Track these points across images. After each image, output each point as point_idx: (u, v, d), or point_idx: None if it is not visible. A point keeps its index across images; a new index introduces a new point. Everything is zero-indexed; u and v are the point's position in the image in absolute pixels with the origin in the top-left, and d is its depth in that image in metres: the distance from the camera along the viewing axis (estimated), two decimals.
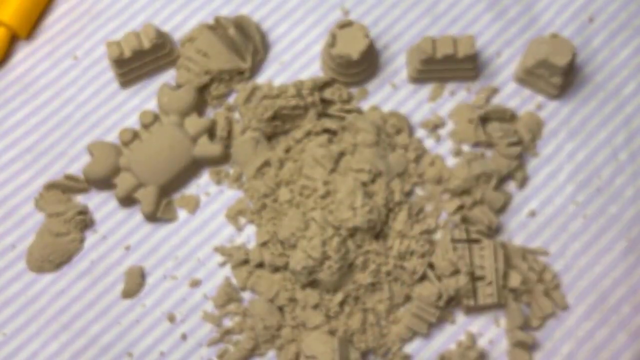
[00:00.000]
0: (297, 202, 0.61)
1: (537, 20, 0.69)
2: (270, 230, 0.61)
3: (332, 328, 0.58)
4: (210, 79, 0.65)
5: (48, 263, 0.62)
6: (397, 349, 0.59)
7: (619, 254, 0.62)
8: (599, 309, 0.61)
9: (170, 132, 0.63)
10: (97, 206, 0.64)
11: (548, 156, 0.65)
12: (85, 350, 0.60)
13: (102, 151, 0.63)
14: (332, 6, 0.70)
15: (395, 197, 0.61)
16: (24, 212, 0.64)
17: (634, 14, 0.69)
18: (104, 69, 0.68)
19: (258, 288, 0.60)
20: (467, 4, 0.69)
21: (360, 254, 0.58)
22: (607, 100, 0.66)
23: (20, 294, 0.62)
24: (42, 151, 0.66)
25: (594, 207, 0.63)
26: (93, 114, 0.67)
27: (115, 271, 0.62)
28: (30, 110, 0.67)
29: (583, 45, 0.68)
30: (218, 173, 0.64)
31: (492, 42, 0.68)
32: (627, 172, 0.64)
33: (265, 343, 0.59)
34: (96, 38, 0.69)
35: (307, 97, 0.63)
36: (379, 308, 0.59)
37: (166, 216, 0.63)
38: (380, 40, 0.68)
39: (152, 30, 0.64)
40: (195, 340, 0.60)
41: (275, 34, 0.69)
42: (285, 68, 0.68)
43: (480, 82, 0.67)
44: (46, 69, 0.68)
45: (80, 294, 0.62)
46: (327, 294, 0.59)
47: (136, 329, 0.61)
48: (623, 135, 0.65)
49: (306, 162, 0.62)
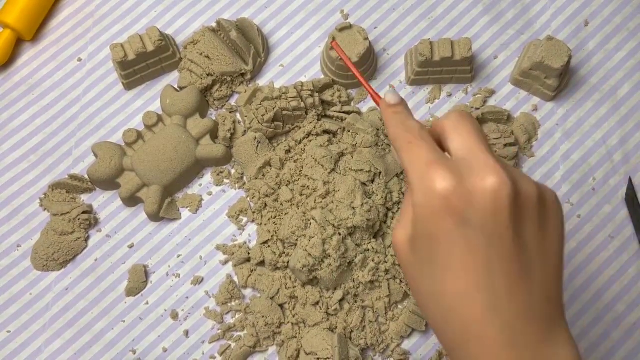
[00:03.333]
0: (297, 202, 0.61)
1: (533, 24, 0.70)
2: (271, 229, 0.61)
3: (332, 325, 0.59)
4: (213, 81, 0.65)
5: (53, 261, 0.63)
6: (396, 346, 0.60)
7: (613, 253, 0.63)
8: (594, 307, 0.61)
9: (173, 133, 0.63)
10: (102, 206, 0.65)
11: (544, 157, 0.65)
12: (89, 347, 0.61)
13: (106, 152, 0.63)
14: (331, 10, 0.70)
15: (393, 196, 0.61)
16: (29, 211, 0.65)
17: (628, 17, 0.70)
18: (108, 71, 0.69)
19: (259, 286, 0.61)
20: (464, 7, 0.70)
21: (359, 253, 0.59)
22: (602, 101, 0.67)
23: (25, 292, 0.62)
24: (47, 151, 0.66)
25: (589, 207, 0.64)
26: (97, 115, 0.67)
27: (119, 269, 0.63)
28: (36, 111, 0.68)
29: (578, 48, 0.68)
30: (220, 173, 0.65)
31: (488, 45, 0.69)
32: (622, 172, 0.65)
33: (266, 340, 0.60)
34: (100, 41, 0.70)
35: (307, 99, 0.64)
36: (377, 305, 0.59)
37: (169, 215, 0.63)
38: (379, 43, 0.69)
39: (155, 33, 0.65)
40: (197, 337, 0.61)
41: (276, 37, 0.70)
42: (285, 70, 0.68)
43: (477, 84, 0.68)
44: (51, 71, 0.69)
45: (85, 292, 0.62)
46: (326, 291, 0.60)
47: (139, 326, 0.61)
48: (618, 137, 0.66)
49: (306, 162, 0.62)
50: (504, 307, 0.37)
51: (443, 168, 0.38)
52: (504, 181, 0.37)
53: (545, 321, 0.38)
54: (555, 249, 0.39)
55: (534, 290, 0.38)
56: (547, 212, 0.39)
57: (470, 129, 0.41)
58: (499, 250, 0.38)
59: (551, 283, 0.39)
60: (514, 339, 0.37)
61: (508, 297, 0.38)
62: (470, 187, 0.38)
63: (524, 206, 0.38)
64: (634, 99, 0.67)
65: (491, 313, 0.37)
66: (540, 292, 0.38)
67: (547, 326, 0.38)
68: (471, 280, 0.38)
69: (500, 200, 0.37)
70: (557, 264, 0.39)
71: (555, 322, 0.39)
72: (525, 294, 0.38)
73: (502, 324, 0.37)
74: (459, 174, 0.38)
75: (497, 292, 0.37)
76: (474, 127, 0.41)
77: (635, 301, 0.61)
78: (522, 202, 0.38)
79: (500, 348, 0.37)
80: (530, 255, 0.38)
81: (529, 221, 0.38)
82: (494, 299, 0.37)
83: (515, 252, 0.38)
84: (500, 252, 0.38)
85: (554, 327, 0.39)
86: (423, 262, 0.40)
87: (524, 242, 0.38)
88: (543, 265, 0.39)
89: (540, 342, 0.38)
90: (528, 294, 0.38)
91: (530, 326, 0.38)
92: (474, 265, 0.38)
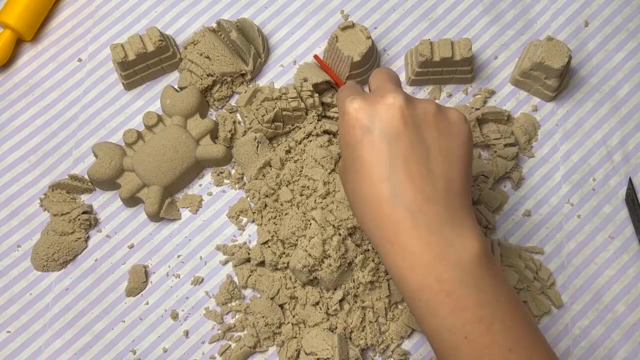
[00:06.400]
0: (297, 202, 0.61)
1: (533, 24, 0.70)
2: (271, 230, 0.61)
3: (332, 325, 0.59)
4: (213, 81, 0.65)
5: (53, 262, 0.63)
6: (396, 346, 0.60)
7: (613, 253, 0.63)
8: (594, 307, 0.61)
9: (173, 134, 0.63)
10: (102, 206, 0.65)
11: (544, 157, 0.65)
12: (90, 348, 0.61)
13: (107, 152, 0.63)
14: (331, 10, 0.70)
15: None
16: (30, 211, 0.65)
17: (628, 17, 0.70)
18: (108, 72, 0.69)
19: (259, 286, 0.61)
20: (464, 8, 0.70)
21: (359, 253, 0.59)
22: (602, 102, 0.67)
23: (25, 292, 0.62)
24: (47, 152, 0.66)
25: (589, 207, 0.64)
26: (97, 115, 0.67)
27: (119, 270, 0.63)
28: (36, 111, 0.68)
29: (578, 48, 0.69)
30: (220, 173, 0.65)
31: (488, 45, 0.69)
32: (622, 173, 0.65)
33: (266, 340, 0.60)
34: (100, 41, 0.70)
35: (307, 99, 0.64)
36: (377, 305, 0.59)
37: (169, 216, 0.63)
38: (379, 43, 0.69)
39: (155, 34, 0.65)
40: (197, 337, 0.61)
41: (276, 37, 0.70)
42: (286, 70, 0.68)
43: (477, 85, 0.68)
44: (51, 72, 0.69)
45: (85, 292, 0.62)
46: (327, 292, 0.60)
47: (140, 326, 0.61)
48: (618, 137, 0.66)
49: (306, 162, 0.62)
50: (404, 193, 0.45)
51: (355, 96, 0.48)
52: (397, 97, 0.47)
53: (446, 208, 0.46)
54: (457, 153, 0.47)
55: (434, 182, 0.46)
56: (448, 124, 0.48)
57: (384, 73, 0.52)
58: (399, 148, 0.46)
59: (453, 180, 0.47)
60: (416, 220, 0.45)
61: (407, 185, 0.45)
62: (373, 104, 0.47)
63: (420, 116, 0.47)
64: (634, 99, 0.67)
65: (394, 198, 0.45)
66: (441, 185, 0.46)
67: (448, 212, 0.45)
68: (377, 173, 0.46)
69: (394, 109, 0.47)
70: (460, 166, 0.47)
71: (457, 211, 0.46)
72: (425, 184, 0.46)
73: (403, 207, 0.45)
74: (367, 99, 0.48)
75: (397, 181, 0.46)
76: (387, 72, 0.52)
77: (635, 301, 0.61)
78: (418, 113, 0.47)
79: (406, 227, 0.45)
80: (430, 154, 0.46)
81: (427, 127, 0.47)
82: (395, 186, 0.45)
83: (412, 149, 0.46)
84: (399, 150, 0.46)
85: (457, 214, 0.46)
86: (347, 170, 0.49)
87: (425, 143, 0.47)
88: (444, 165, 0.47)
89: (442, 224, 0.45)
90: (428, 184, 0.46)
91: (429, 209, 0.45)
92: (378, 162, 0.46)
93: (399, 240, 0.45)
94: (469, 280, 0.44)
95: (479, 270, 0.44)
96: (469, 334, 0.43)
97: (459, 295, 0.44)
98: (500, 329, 0.44)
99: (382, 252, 0.46)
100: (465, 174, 0.48)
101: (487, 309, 0.44)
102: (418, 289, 0.44)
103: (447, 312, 0.44)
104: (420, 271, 0.44)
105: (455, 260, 0.44)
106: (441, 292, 0.44)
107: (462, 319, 0.43)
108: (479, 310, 0.44)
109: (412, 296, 0.45)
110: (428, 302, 0.44)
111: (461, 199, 0.47)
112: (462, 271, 0.44)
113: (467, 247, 0.45)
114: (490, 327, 0.43)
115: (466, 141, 0.48)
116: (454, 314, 0.44)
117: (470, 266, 0.44)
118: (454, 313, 0.44)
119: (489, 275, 0.45)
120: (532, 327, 0.46)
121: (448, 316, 0.44)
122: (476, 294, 0.44)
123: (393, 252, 0.45)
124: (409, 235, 0.45)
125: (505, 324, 0.44)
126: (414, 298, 0.45)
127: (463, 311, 0.44)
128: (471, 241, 0.45)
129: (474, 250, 0.45)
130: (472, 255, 0.44)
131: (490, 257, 0.46)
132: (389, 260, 0.46)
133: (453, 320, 0.44)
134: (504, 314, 0.44)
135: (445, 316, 0.44)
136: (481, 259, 0.45)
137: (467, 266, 0.44)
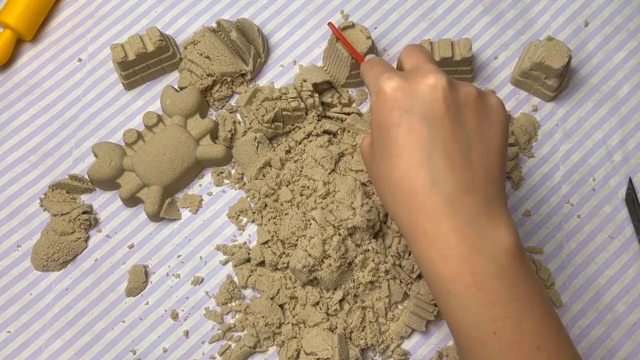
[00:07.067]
0: (297, 202, 0.61)
1: (533, 24, 0.70)
2: (271, 230, 0.61)
3: (332, 325, 0.59)
4: (213, 81, 0.66)
5: (53, 262, 0.63)
6: (396, 346, 0.60)
7: (613, 253, 0.63)
8: (594, 308, 0.61)
9: (173, 134, 0.63)
10: (102, 206, 0.65)
11: (544, 157, 0.65)
12: (90, 347, 0.61)
13: (107, 152, 0.63)
14: (331, 10, 0.70)
15: None
16: (29, 211, 0.65)
17: (628, 17, 0.70)
18: (108, 72, 0.69)
19: (259, 286, 0.61)
20: (464, 8, 0.70)
21: (359, 253, 0.59)
22: (602, 102, 0.67)
23: (25, 292, 0.62)
24: (47, 152, 0.66)
25: (589, 207, 0.64)
26: (97, 115, 0.67)
27: (119, 269, 0.63)
28: (36, 111, 0.68)
29: (578, 48, 0.69)
30: (220, 173, 0.65)
31: (488, 45, 0.69)
32: (622, 173, 0.65)
33: (266, 340, 0.60)
34: (100, 41, 0.70)
35: (307, 99, 0.64)
36: (377, 306, 0.60)
37: (169, 216, 0.63)
38: (379, 43, 0.69)
39: (155, 34, 0.65)
40: (197, 337, 0.61)
41: (276, 37, 0.70)
42: (286, 70, 0.68)
43: (477, 84, 0.68)
44: (51, 72, 0.69)
45: (85, 292, 0.62)
46: (327, 292, 0.60)
47: (140, 326, 0.61)
48: (618, 137, 0.66)
49: (306, 162, 0.62)
50: (443, 181, 0.43)
51: (391, 74, 0.46)
52: (440, 78, 0.44)
53: (484, 199, 0.44)
54: (495, 142, 0.46)
55: (473, 171, 0.44)
56: (488, 111, 0.46)
57: (419, 51, 0.49)
58: (439, 133, 0.44)
59: (491, 169, 0.45)
60: (454, 210, 0.43)
61: (447, 173, 0.43)
62: (413, 84, 0.45)
63: (462, 100, 0.45)
64: (634, 99, 0.67)
65: (432, 186, 0.43)
66: (480, 175, 0.44)
67: (486, 203, 0.44)
68: (415, 159, 0.44)
69: (437, 91, 0.44)
70: (497, 155, 0.46)
71: (494, 202, 0.44)
72: (465, 172, 0.44)
73: (442, 196, 0.43)
74: (406, 78, 0.45)
75: (437, 168, 0.43)
76: (422, 50, 0.49)
77: (635, 301, 0.61)
78: (460, 97, 0.45)
79: (442, 217, 0.43)
80: (470, 141, 0.44)
81: (468, 113, 0.45)
82: (434, 174, 0.43)
83: (453, 135, 0.44)
84: (439, 135, 0.44)
85: (493, 205, 0.44)
86: (378, 153, 0.46)
87: (465, 130, 0.44)
88: (483, 153, 0.45)
89: (479, 216, 0.43)
90: (468, 173, 0.44)
91: (468, 199, 0.43)
92: (417, 146, 0.44)
93: (433, 230, 0.43)
94: (502, 274, 0.42)
95: (512, 265, 0.43)
96: (498, 330, 0.42)
97: (492, 289, 0.42)
98: (530, 326, 0.42)
99: (412, 241, 0.45)
100: (503, 163, 0.46)
101: (519, 304, 0.42)
102: (450, 281, 0.43)
103: (478, 306, 0.42)
104: (454, 263, 0.43)
105: (490, 253, 0.43)
106: (473, 286, 0.42)
107: (493, 314, 0.42)
108: (511, 305, 0.42)
109: (442, 288, 0.43)
110: (458, 294, 0.43)
111: (497, 190, 0.45)
112: (496, 265, 0.42)
113: (503, 240, 0.43)
114: (521, 324, 0.42)
115: (504, 129, 0.46)
116: (485, 308, 0.42)
117: (504, 260, 0.43)
118: (484, 307, 0.42)
119: (522, 270, 0.43)
120: (560, 325, 0.44)
121: (479, 310, 0.42)
122: (509, 289, 0.42)
123: (426, 241, 0.43)
124: (445, 226, 0.43)
125: (535, 322, 0.43)
126: (444, 290, 0.43)
127: (494, 306, 0.42)
128: (506, 234, 0.43)
129: (509, 244, 0.43)
130: (506, 248, 0.43)
131: (523, 252, 0.44)
132: (420, 249, 0.44)
133: (483, 315, 0.42)
134: (534, 311, 0.43)
135: (475, 310, 0.42)
136: (515, 252, 0.43)
137: (501, 260, 0.43)
